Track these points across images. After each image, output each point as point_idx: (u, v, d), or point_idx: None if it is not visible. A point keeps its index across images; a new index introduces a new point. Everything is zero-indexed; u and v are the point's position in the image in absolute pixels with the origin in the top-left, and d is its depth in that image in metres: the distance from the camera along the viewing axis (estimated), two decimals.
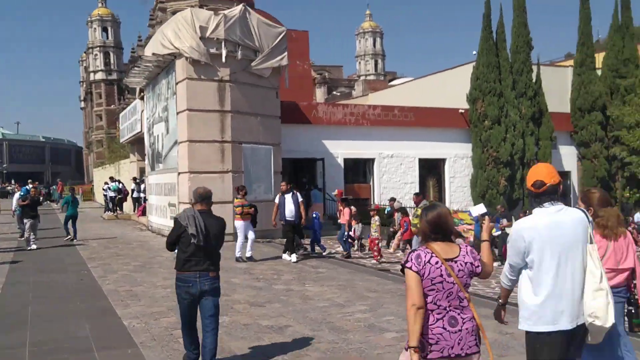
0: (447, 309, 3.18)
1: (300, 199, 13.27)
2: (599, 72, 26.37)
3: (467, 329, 3.19)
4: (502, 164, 23.33)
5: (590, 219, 3.62)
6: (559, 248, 3.40)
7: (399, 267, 4.08)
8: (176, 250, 5.34)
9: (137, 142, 26.87)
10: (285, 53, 17.84)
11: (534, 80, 24.53)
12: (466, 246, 3.34)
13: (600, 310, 3.34)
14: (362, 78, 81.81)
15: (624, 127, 24.44)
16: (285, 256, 12.98)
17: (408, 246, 15.01)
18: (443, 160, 24.42)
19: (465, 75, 24.71)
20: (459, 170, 24.49)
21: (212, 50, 16.23)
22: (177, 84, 16.77)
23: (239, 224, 12.73)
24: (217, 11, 16.92)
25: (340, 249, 14.73)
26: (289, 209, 12.94)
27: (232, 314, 7.54)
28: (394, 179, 23.21)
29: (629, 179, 25.17)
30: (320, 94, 67.83)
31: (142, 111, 22.67)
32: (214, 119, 16.34)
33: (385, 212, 17.56)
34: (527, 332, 3.47)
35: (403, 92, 31.65)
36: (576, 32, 26.25)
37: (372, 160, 22.84)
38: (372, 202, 22.10)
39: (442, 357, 3.16)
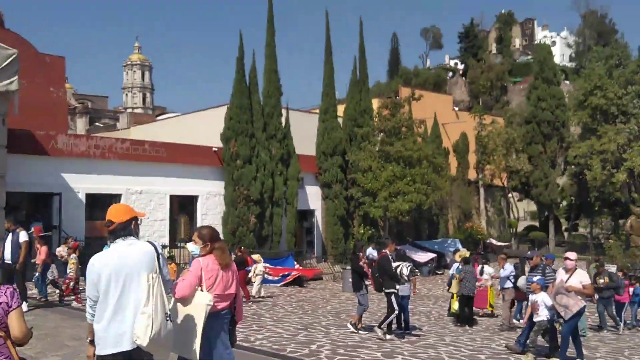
0: None
1: (23, 239, 11.91)
2: (340, 120, 29.27)
3: None
4: (253, 202, 24.19)
5: (160, 250, 3.96)
6: (123, 277, 3.72)
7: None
8: None
9: None
10: (16, 77, 16.20)
11: (283, 124, 26.17)
12: (6, 287, 3.37)
13: (140, 331, 3.65)
14: (128, 110, 78.83)
15: (359, 170, 27.32)
16: None
17: None
18: (196, 197, 24.44)
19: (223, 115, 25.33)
20: (211, 207, 24.72)
21: None
22: None
23: None
24: None
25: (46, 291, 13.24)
26: (6, 250, 11.57)
27: None
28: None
29: (364, 217, 28.08)
30: (81, 124, 63.48)
31: None
32: None
33: None
34: (99, 356, 3.73)
35: (166, 128, 31.21)
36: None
37: (119, 196, 21.78)
38: None
39: None
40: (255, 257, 17.41)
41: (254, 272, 16.52)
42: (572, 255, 9.28)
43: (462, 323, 14.01)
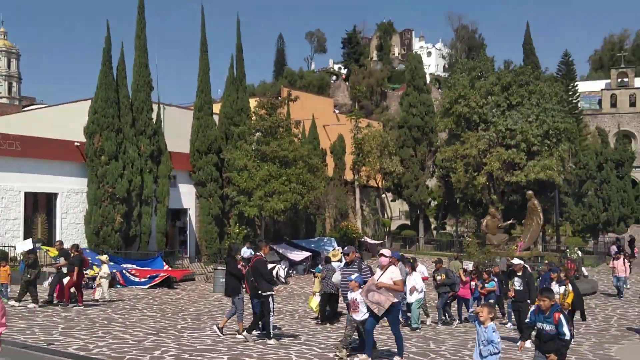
0: None
1: None
2: (217, 118, 28.72)
3: None
4: (119, 201, 23.00)
5: None
6: None
7: None
8: None
9: None
10: None
11: (154, 120, 25.17)
12: None
13: None
14: None
15: (235, 169, 26.95)
16: None
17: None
18: (55, 195, 22.79)
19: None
20: (72, 205, 23.19)
21: None
22: None
23: None
24: None
25: None
26: None
27: None
28: None
29: (239, 216, 27.74)
30: None
31: None
32: None
33: None
34: None
35: (31, 120, 28.79)
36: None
37: None
38: None
39: None
40: (103, 257, 16.52)
41: (99, 274, 15.63)
42: (386, 252, 9.40)
43: (323, 321, 14.19)
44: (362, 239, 36.52)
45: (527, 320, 7.77)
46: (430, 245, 40.61)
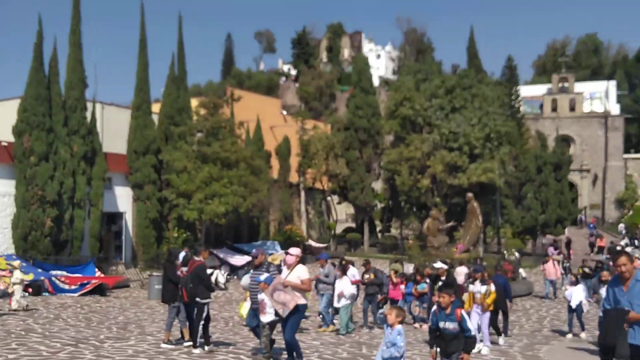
0: None
1: None
2: (156, 118, 27.86)
3: None
4: (49, 204, 21.90)
5: None
6: None
7: None
8: None
9: None
10: None
11: (88, 119, 24.17)
12: None
13: None
14: None
15: (174, 171, 26.19)
16: None
17: None
18: None
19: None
20: None
21: None
22: None
23: None
24: None
25: None
26: None
27: None
28: None
29: (179, 220, 26.96)
30: None
31: None
32: None
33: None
34: None
35: None
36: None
37: None
38: None
39: None
40: (14, 263, 15.66)
41: (12, 280, 14.78)
42: (293, 250, 9.11)
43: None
44: (307, 242, 36.26)
45: (429, 324, 7.54)
46: (374, 247, 40.71)
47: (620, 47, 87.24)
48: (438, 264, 16.18)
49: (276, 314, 8.75)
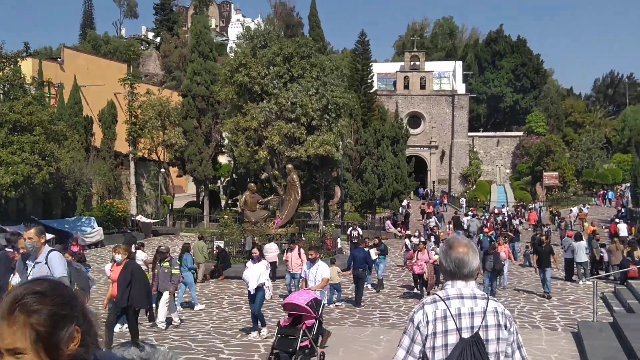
0: None
1: None
2: None
3: None
4: None
5: None
6: None
7: None
8: None
9: None
10: None
11: None
12: None
13: None
14: None
15: None
16: None
17: None
18: None
19: None
20: None
21: None
22: None
23: None
24: None
25: None
26: None
27: None
28: None
29: None
30: None
31: None
32: None
33: None
34: None
35: None
36: None
37: None
38: None
39: None
40: None
41: None
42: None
43: None
44: (135, 218, 33.31)
45: None
46: (216, 222, 38.60)
47: (473, 31, 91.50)
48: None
49: None
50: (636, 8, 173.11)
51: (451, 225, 32.93)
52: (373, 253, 18.20)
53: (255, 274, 10.64)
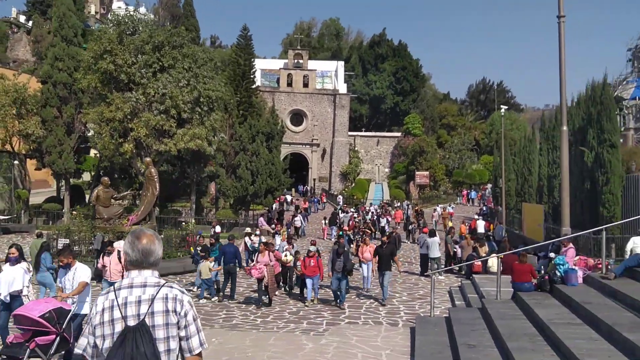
0: None
1: None
2: None
3: None
4: None
5: None
6: None
7: None
8: None
9: None
10: None
11: None
12: None
13: None
14: None
15: None
16: None
17: None
18: None
19: None
20: None
21: None
22: None
23: None
24: None
25: None
26: None
27: None
28: None
29: None
30: None
31: None
32: None
33: None
34: None
35: None
36: None
37: None
38: None
39: None
40: None
41: None
42: None
43: None
44: None
45: None
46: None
47: (358, 33, 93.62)
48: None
49: None
50: (504, 20, 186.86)
51: (326, 221, 33.36)
52: None
53: (9, 278, 8.98)
